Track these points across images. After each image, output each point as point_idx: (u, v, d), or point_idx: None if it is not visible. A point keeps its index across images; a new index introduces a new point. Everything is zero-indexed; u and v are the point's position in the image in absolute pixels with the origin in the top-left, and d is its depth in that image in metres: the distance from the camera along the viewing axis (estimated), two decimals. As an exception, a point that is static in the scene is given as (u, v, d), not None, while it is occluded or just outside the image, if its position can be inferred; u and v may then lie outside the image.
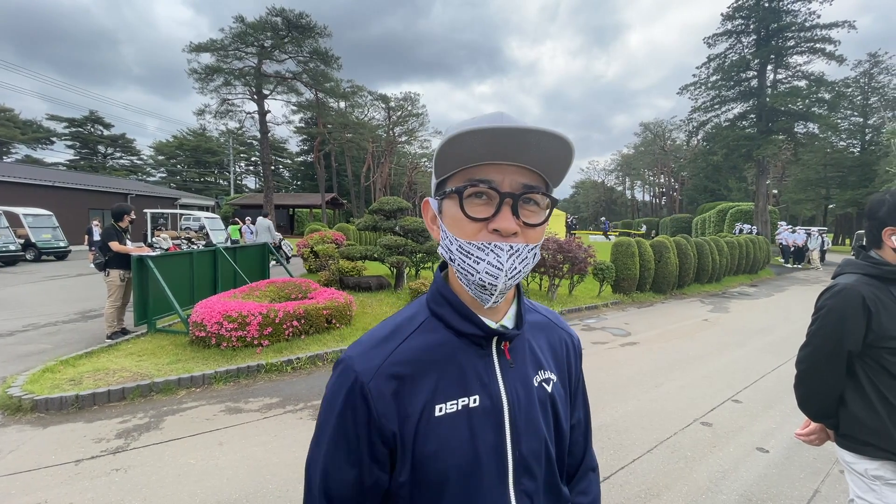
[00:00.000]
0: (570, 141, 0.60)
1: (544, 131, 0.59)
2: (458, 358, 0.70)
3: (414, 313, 0.75)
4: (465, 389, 0.68)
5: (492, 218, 0.63)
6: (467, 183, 0.63)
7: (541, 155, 0.62)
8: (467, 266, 0.64)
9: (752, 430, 3.82)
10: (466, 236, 0.64)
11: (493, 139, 0.60)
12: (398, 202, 9.73)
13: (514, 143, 0.60)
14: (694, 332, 7.37)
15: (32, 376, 4.56)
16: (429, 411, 0.66)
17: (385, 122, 50.59)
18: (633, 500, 2.81)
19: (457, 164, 0.64)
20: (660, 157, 60.59)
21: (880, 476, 1.44)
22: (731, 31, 24.18)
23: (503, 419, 0.69)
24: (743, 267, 14.76)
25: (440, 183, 0.68)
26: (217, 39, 29.21)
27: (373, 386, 0.66)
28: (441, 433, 0.66)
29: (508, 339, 0.72)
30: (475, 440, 0.67)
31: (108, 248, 5.99)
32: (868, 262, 1.51)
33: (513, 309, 0.75)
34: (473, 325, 0.69)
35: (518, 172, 0.63)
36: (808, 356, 1.58)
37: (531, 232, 0.65)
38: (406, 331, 0.72)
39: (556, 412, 0.77)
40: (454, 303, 0.70)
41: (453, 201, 0.65)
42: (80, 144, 49.05)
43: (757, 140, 22.62)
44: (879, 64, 35.00)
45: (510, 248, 0.63)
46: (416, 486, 0.67)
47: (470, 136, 0.59)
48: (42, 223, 16.95)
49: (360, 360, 0.69)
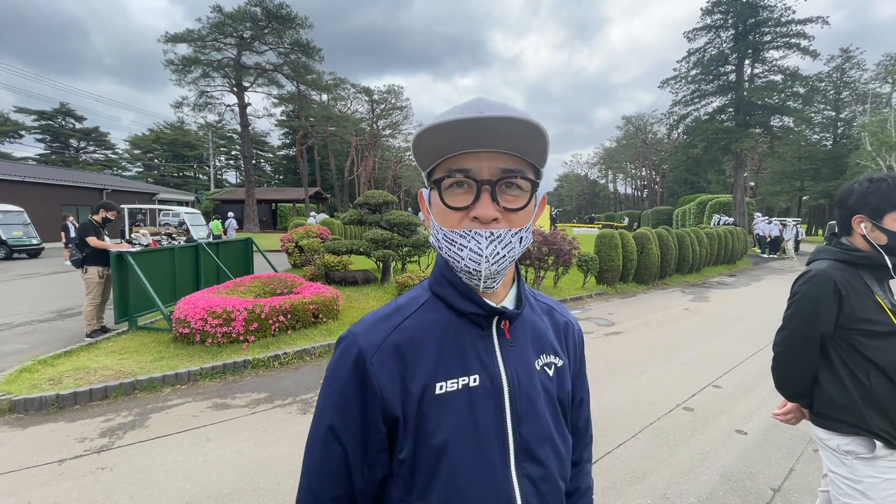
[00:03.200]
0: (534, 122, 0.60)
1: (505, 117, 0.59)
2: (459, 337, 0.71)
3: (416, 295, 0.77)
4: (466, 368, 0.69)
5: (471, 206, 0.64)
6: (446, 174, 0.64)
7: (513, 139, 0.62)
8: (453, 254, 0.66)
9: (732, 414, 3.96)
10: (450, 225, 0.66)
11: (462, 130, 0.60)
12: (384, 196, 9.68)
13: (482, 131, 0.60)
14: (675, 321, 7.56)
15: (9, 376, 4.43)
16: (430, 389, 0.67)
17: (368, 115, 50.11)
18: (619, 483, 2.89)
19: (435, 156, 0.65)
20: (641, 151, 61.48)
21: (851, 451, 1.52)
22: (710, 26, 24.54)
23: (503, 400, 0.69)
24: (722, 257, 15.15)
25: (428, 174, 0.69)
26: (194, 30, 28.46)
27: (375, 360, 0.68)
28: (442, 411, 0.66)
29: (508, 318, 0.73)
30: (476, 420, 0.67)
31: (85, 244, 5.83)
32: (839, 248, 1.57)
33: (512, 291, 0.76)
34: (474, 304, 0.70)
35: (496, 158, 0.63)
36: (784, 339, 1.65)
37: (514, 216, 0.65)
38: (408, 310, 0.73)
39: (559, 396, 0.77)
40: (455, 283, 0.71)
41: (436, 193, 0.66)
42: (50, 138, 47.31)
43: (735, 133, 23.11)
44: (851, 59, 36.12)
45: (490, 235, 0.63)
46: (416, 464, 0.67)
47: (437, 130, 0.61)
48: (12, 220, 16.33)
49: (363, 335, 0.70)
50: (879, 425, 1.45)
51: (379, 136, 50.99)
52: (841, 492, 1.55)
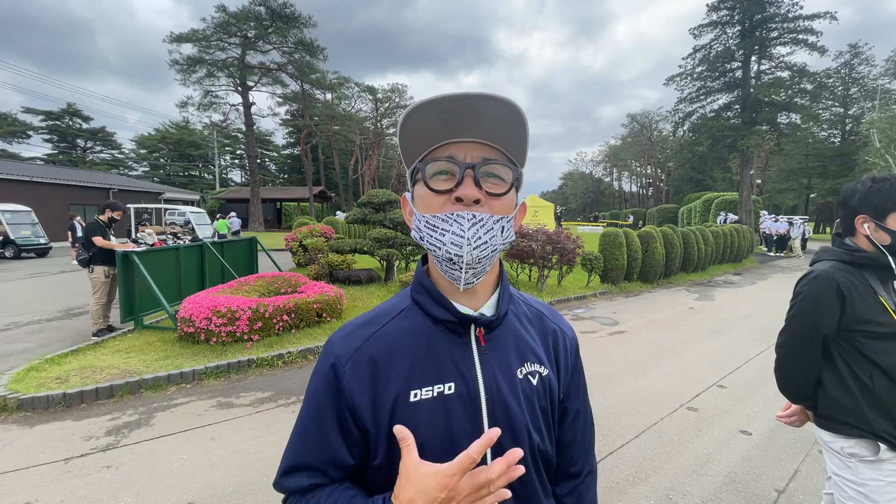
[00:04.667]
0: (516, 104, 0.61)
1: (492, 96, 0.61)
2: (435, 345, 0.70)
3: (398, 301, 0.77)
4: (441, 377, 0.69)
5: (455, 188, 0.64)
6: (431, 160, 0.66)
7: (496, 127, 0.64)
8: (434, 240, 0.65)
9: (737, 414, 3.93)
10: (432, 210, 0.66)
11: (445, 113, 0.62)
12: (387, 195, 9.69)
13: (466, 115, 0.62)
14: (680, 321, 7.52)
15: (17, 375, 4.48)
16: (404, 396, 0.67)
17: (372, 113, 50.10)
18: (621, 484, 2.88)
19: (420, 148, 0.67)
20: (646, 148, 61.12)
21: (855, 454, 1.50)
22: (717, 22, 24.33)
23: (480, 408, 0.68)
24: (727, 256, 15.04)
25: (412, 173, 0.70)
26: (199, 29, 28.58)
27: (347, 368, 0.69)
28: (416, 419, 0.66)
29: (483, 325, 0.72)
30: (451, 428, 0.67)
31: (91, 243, 5.88)
32: (843, 248, 1.56)
33: (494, 297, 0.75)
34: (446, 310, 0.70)
35: (478, 148, 0.65)
36: (786, 341, 1.63)
37: (496, 203, 0.66)
38: (386, 317, 0.74)
39: (542, 406, 0.74)
40: (430, 289, 0.72)
41: (421, 182, 0.67)
42: (58, 138, 47.73)
43: (741, 130, 22.91)
44: (859, 55, 35.60)
45: (472, 217, 0.63)
46: (391, 471, 0.66)
47: (424, 110, 0.62)
48: (21, 219, 16.51)
49: (340, 343, 0.72)
50: (883, 427, 1.44)
51: (383, 134, 50.98)
52: (845, 495, 1.53)
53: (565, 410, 0.82)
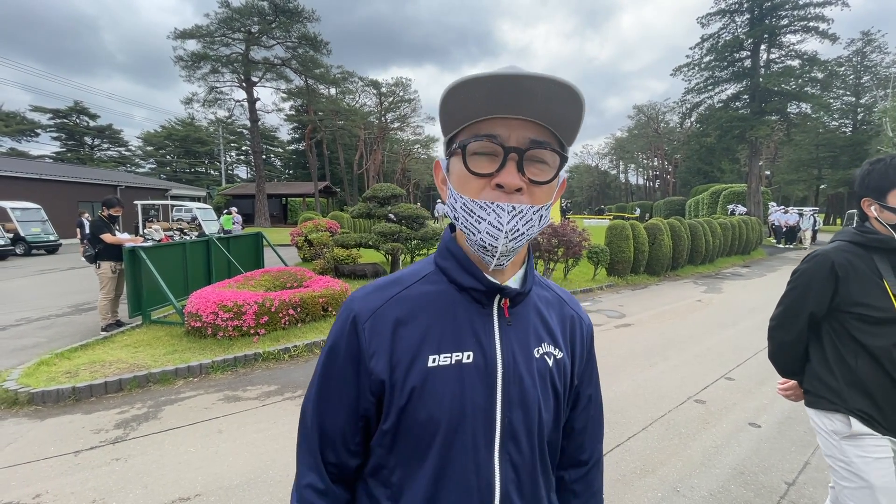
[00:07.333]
0: (577, 90, 0.57)
1: (549, 78, 0.56)
2: (458, 312, 0.69)
3: (420, 267, 0.76)
4: (460, 344, 0.67)
5: (496, 173, 0.61)
6: (472, 138, 0.61)
7: (549, 107, 0.59)
8: (469, 225, 0.63)
9: (745, 407, 3.89)
10: (470, 194, 0.63)
11: (496, 89, 0.57)
12: (392, 189, 9.68)
13: (518, 93, 0.57)
14: (687, 313, 7.46)
15: (28, 370, 4.53)
16: (422, 360, 0.66)
17: (377, 108, 50.00)
18: (628, 476, 2.86)
19: (462, 119, 0.62)
20: (653, 140, 60.53)
21: (836, 430, 1.52)
22: (725, 11, 23.90)
23: (495, 381, 0.67)
24: (736, 248, 14.88)
25: (449, 141, 0.67)
26: (203, 25, 28.61)
27: (368, 325, 0.68)
28: (431, 384, 0.65)
29: (509, 297, 0.70)
30: (464, 397, 0.66)
31: (97, 239, 5.92)
32: (857, 230, 1.56)
33: (520, 272, 0.74)
34: (474, 278, 0.68)
35: (525, 127, 0.60)
36: (778, 315, 1.70)
37: (537, 191, 0.63)
38: (409, 280, 0.73)
39: (555, 389, 0.74)
40: (459, 256, 0.70)
41: (459, 158, 0.63)
42: (65, 136, 48.08)
43: (750, 121, 22.56)
44: (872, 42, 34.88)
45: (512, 209, 0.60)
46: (399, 436, 0.66)
47: (472, 85, 0.57)
48: (31, 217, 16.70)
49: (360, 301, 0.70)
50: (857, 405, 1.47)
51: (387, 129, 50.91)
52: (840, 476, 1.54)
53: (578, 396, 0.82)
